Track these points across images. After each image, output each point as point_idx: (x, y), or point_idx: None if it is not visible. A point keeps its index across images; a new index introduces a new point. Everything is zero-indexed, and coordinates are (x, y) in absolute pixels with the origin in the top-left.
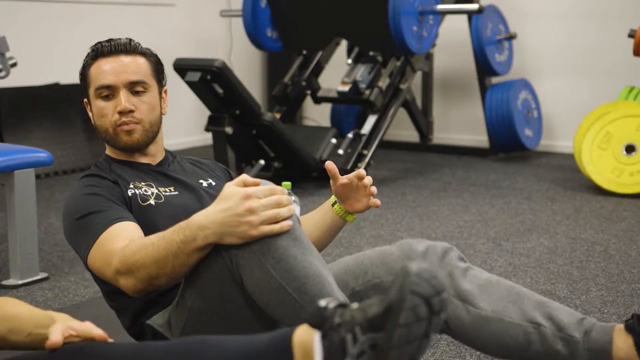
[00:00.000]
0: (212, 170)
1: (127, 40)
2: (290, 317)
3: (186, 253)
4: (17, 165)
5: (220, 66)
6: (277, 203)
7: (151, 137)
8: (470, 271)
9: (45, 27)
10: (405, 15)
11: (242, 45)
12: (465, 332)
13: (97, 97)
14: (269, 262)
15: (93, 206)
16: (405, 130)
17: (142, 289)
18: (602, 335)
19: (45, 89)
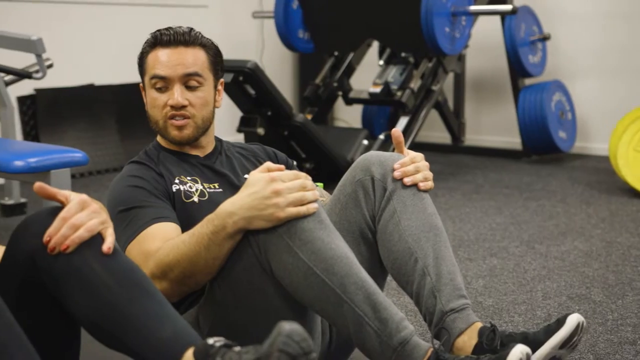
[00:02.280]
0: (259, 158)
1: (187, 30)
2: (320, 299)
3: (217, 243)
4: (54, 165)
5: (252, 67)
6: (302, 186)
7: (201, 133)
8: (419, 201)
9: (81, 29)
10: (437, 16)
11: (273, 47)
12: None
13: (151, 87)
14: (296, 245)
15: (136, 200)
16: (437, 131)
17: (177, 291)
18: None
19: (81, 90)
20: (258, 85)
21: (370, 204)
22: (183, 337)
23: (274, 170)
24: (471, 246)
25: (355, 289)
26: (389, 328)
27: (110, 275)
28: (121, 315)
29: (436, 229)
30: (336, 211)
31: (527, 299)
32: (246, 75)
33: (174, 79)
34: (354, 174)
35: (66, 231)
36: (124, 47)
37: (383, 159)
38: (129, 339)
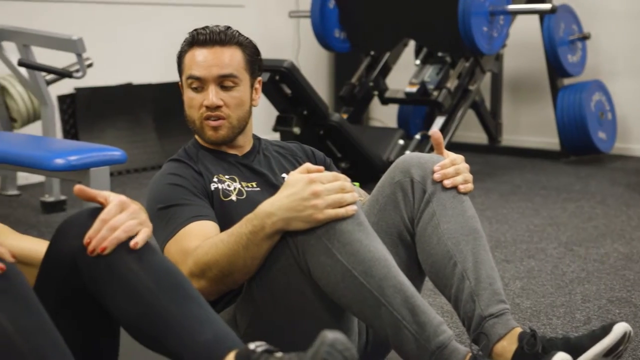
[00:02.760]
0: (297, 157)
1: (224, 29)
2: (358, 301)
3: (256, 243)
4: (93, 163)
5: (289, 67)
6: (341, 188)
7: (237, 132)
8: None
9: (119, 29)
10: (475, 16)
11: (309, 46)
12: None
13: (187, 87)
14: (334, 247)
15: (176, 198)
16: (474, 132)
17: (215, 290)
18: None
19: (119, 89)
20: (294, 85)
21: (409, 206)
22: (224, 340)
23: (314, 172)
24: (508, 247)
25: (394, 292)
26: (427, 332)
27: (150, 278)
28: (162, 318)
29: (476, 232)
30: (374, 212)
31: (565, 302)
32: (282, 74)
33: (209, 80)
34: (393, 175)
35: (105, 233)
36: (161, 46)
37: (423, 161)
38: (170, 341)
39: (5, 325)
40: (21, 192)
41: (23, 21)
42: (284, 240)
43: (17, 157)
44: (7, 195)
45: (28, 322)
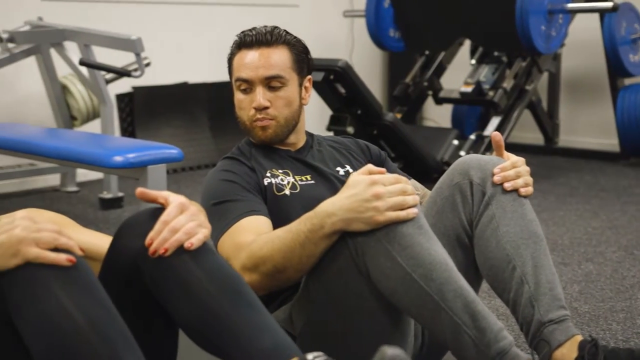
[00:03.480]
0: (352, 152)
1: (271, 29)
2: (417, 304)
3: (314, 242)
4: (151, 161)
5: (343, 66)
6: (402, 190)
7: (286, 132)
8: (519, 207)
9: (176, 28)
10: (533, 15)
11: (363, 45)
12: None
13: (236, 89)
14: (394, 249)
15: (229, 194)
16: (530, 132)
17: (266, 285)
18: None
19: (175, 88)
20: (348, 84)
21: (467, 208)
22: (283, 349)
23: (375, 173)
24: (565, 250)
25: (454, 297)
26: (487, 337)
27: (211, 282)
28: (221, 323)
29: (536, 236)
30: (432, 214)
31: (626, 307)
32: (337, 74)
33: (256, 81)
34: (452, 177)
35: (167, 234)
36: (217, 46)
37: (482, 163)
38: (229, 346)
39: (76, 316)
40: (80, 189)
41: (84, 22)
42: (343, 241)
43: (78, 155)
44: (66, 191)
45: (98, 313)
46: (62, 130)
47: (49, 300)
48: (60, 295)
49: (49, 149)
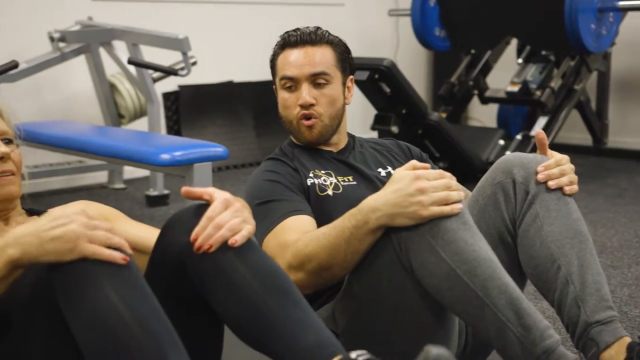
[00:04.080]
0: (393, 153)
1: (314, 29)
2: (461, 301)
3: (358, 238)
4: (197, 159)
5: (388, 65)
6: (446, 186)
7: (331, 131)
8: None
9: (221, 27)
10: (583, 13)
11: (408, 44)
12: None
13: (281, 88)
14: (438, 245)
15: (273, 194)
16: (578, 132)
17: (312, 283)
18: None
19: (220, 87)
20: (393, 84)
21: (510, 207)
22: (327, 346)
23: (420, 168)
24: (615, 253)
25: (498, 293)
26: (533, 335)
27: (256, 278)
28: (266, 319)
29: (581, 235)
30: (474, 213)
31: None
32: (382, 73)
33: (302, 79)
34: (494, 175)
35: (211, 230)
36: (261, 45)
37: (526, 161)
38: (273, 343)
39: (122, 310)
40: (127, 186)
41: (132, 21)
42: (387, 237)
43: (125, 152)
44: (114, 188)
45: (143, 309)
46: (110, 128)
47: (97, 295)
48: (109, 290)
49: (97, 146)
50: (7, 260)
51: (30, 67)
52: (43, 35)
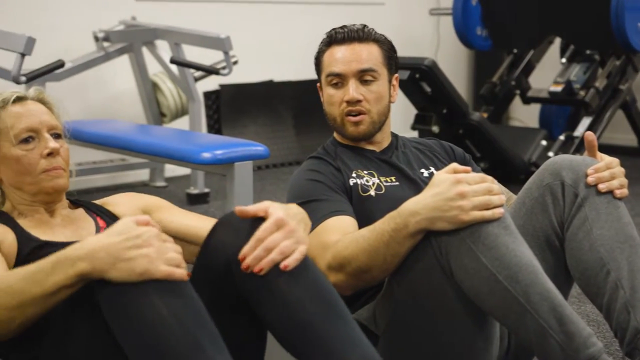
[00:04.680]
0: (436, 153)
1: (361, 27)
2: (501, 306)
3: (398, 241)
4: (238, 158)
5: (429, 65)
6: (487, 190)
7: (378, 127)
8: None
9: (261, 27)
10: (630, 11)
11: (448, 44)
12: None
13: (327, 84)
14: (479, 250)
15: (315, 194)
16: (622, 133)
17: (352, 285)
18: None
19: (261, 86)
20: (434, 83)
21: (558, 210)
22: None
23: (461, 172)
24: None
25: (540, 300)
26: (576, 343)
27: (303, 292)
28: (312, 334)
29: (632, 239)
30: (521, 215)
31: None
32: (423, 72)
33: (349, 75)
34: (542, 177)
35: (260, 253)
36: (302, 44)
37: (575, 164)
38: (318, 356)
39: (166, 316)
40: (168, 184)
41: (175, 20)
42: (427, 240)
43: (167, 151)
44: (155, 186)
45: (189, 316)
46: (152, 126)
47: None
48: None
49: (140, 144)
50: (77, 272)
51: (76, 67)
52: (88, 34)
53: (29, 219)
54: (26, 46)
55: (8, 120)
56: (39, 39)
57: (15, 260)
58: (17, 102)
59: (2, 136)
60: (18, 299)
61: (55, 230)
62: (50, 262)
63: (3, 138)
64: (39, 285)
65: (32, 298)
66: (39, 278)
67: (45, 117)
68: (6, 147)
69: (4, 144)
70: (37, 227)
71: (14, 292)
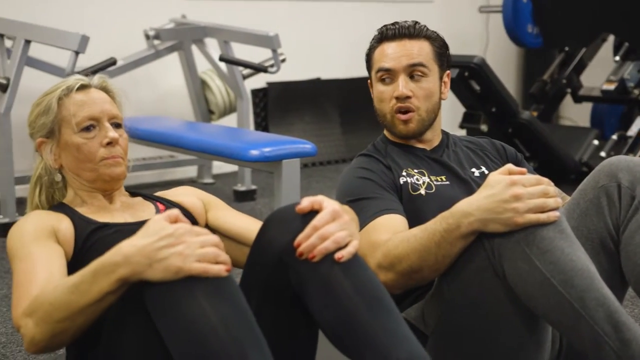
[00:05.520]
0: (487, 152)
1: (412, 24)
2: (555, 311)
3: (449, 242)
4: (285, 155)
5: (479, 63)
6: (543, 192)
7: (427, 125)
8: None
9: (309, 25)
10: None
11: (498, 41)
12: None
13: (377, 80)
14: (533, 253)
15: (365, 192)
16: None
17: (402, 284)
18: None
19: (308, 84)
20: (484, 81)
21: (614, 213)
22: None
23: (516, 173)
24: None
25: (596, 305)
26: (632, 350)
27: (353, 287)
28: (362, 329)
29: None
30: (574, 217)
31: None
32: (472, 70)
33: (399, 70)
34: (598, 179)
35: (315, 240)
36: (350, 42)
37: (632, 165)
38: (366, 352)
39: (211, 316)
40: (215, 181)
41: (222, 18)
42: (480, 242)
43: (216, 148)
44: (203, 183)
45: (235, 319)
46: (201, 124)
47: (189, 302)
48: (201, 298)
49: (188, 141)
50: (118, 278)
51: (127, 64)
52: (139, 33)
53: (88, 206)
54: (80, 44)
55: (71, 107)
56: (91, 37)
57: (74, 245)
58: (81, 89)
59: (64, 123)
60: (67, 311)
61: (114, 214)
62: (91, 272)
63: (65, 125)
64: (84, 295)
65: (80, 308)
66: (83, 288)
67: (107, 106)
68: (68, 134)
69: (65, 130)
70: (96, 213)
71: (62, 305)
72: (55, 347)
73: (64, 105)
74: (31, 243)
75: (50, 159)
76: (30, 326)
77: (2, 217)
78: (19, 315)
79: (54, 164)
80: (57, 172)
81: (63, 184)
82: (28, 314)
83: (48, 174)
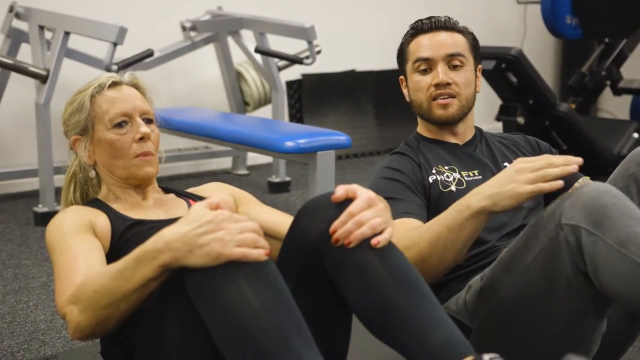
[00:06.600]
0: (521, 148)
1: (446, 18)
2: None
3: (459, 224)
4: (320, 147)
5: (516, 54)
6: (547, 164)
7: (465, 112)
8: None
9: (344, 17)
10: None
11: (535, 33)
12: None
13: (414, 71)
14: (629, 252)
15: (391, 192)
16: None
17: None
18: None
19: (343, 76)
20: (521, 73)
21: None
22: (457, 346)
23: None
24: None
25: None
26: None
27: (388, 272)
28: (397, 313)
29: None
30: None
31: None
32: (509, 62)
33: (437, 59)
34: (627, 167)
35: (351, 226)
36: (384, 34)
37: None
38: (403, 337)
39: (252, 301)
40: (250, 172)
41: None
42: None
43: (251, 139)
44: (237, 174)
45: (277, 305)
46: (236, 115)
47: (230, 288)
48: (242, 283)
49: (223, 132)
50: (160, 264)
51: (164, 56)
52: (175, 24)
53: (122, 203)
54: (118, 36)
55: (104, 104)
56: (129, 29)
57: (110, 241)
58: (113, 86)
59: (97, 120)
60: (111, 297)
61: (147, 210)
62: (133, 259)
63: (98, 122)
64: (127, 281)
65: (123, 294)
66: (127, 275)
67: (139, 102)
68: (101, 131)
69: (99, 127)
70: (130, 209)
71: (106, 292)
72: (99, 333)
73: (96, 102)
74: (71, 236)
75: (85, 156)
76: (75, 313)
77: (42, 206)
78: (64, 302)
79: (88, 160)
80: (91, 169)
81: (97, 181)
82: (73, 302)
83: (82, 171)
